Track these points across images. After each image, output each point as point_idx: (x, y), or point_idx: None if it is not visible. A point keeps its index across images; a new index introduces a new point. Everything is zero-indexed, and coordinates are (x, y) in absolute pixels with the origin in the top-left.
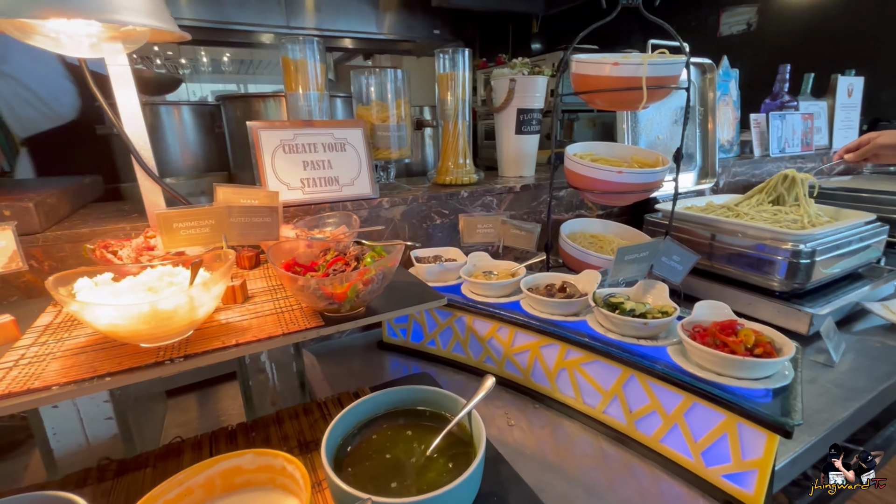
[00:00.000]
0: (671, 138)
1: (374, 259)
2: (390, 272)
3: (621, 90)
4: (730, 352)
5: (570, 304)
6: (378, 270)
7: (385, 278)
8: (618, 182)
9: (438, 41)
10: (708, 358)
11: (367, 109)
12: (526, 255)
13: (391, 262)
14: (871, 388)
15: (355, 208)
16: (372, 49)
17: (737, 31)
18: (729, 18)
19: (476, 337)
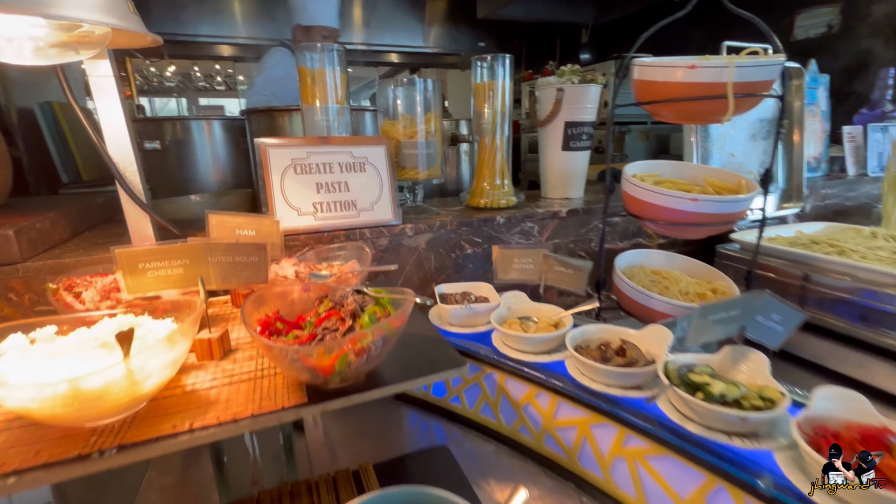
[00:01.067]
0: (747, 156)
1: (375, 318)
2: (394, 335)
3: (699, 99)
4: (886, 481)
5: (631, 376)
6: (377, 335)
7: (387, 343)
8: (691, 212)
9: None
10: (858, 496)
11: (394, 125)
12: (572, 297)
13: (395, 322)
14: None
15: (374, 236)
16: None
17: (815, 35)
18: (805, 21)
19: (509, 400)
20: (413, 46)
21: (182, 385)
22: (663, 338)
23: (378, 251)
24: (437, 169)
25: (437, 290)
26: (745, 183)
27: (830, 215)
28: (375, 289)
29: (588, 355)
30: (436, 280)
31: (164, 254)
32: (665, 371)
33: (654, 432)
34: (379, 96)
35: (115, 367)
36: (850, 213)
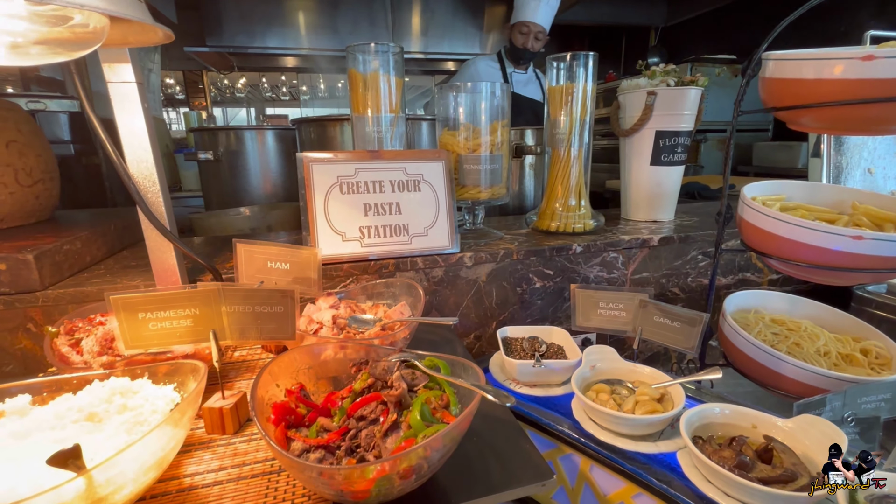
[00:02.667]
0: (888, 171)
1: (429, 411)
2: (455, 442)
3: (871, 102)
4: None
5: (787, 500)
6: (433, 449)
7: (447, 453)
8: (851, 253)
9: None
10: None
11: (454, 136)
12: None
13: (460, 427)
14: None
15: (428, 266)
16: None
17: None
18: None
19: (595, 494)
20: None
21: (180, 476)
22: (830, 439)
23: (432, 283)
24: (503, 187)
25: (499, 333)
26: None
27: None
28: (430, 358)
29: (715, 455)
30: (497, 319)
31: (168, 301)
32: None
33: None
34: (438, 103)
35: (67, 485)
36: None
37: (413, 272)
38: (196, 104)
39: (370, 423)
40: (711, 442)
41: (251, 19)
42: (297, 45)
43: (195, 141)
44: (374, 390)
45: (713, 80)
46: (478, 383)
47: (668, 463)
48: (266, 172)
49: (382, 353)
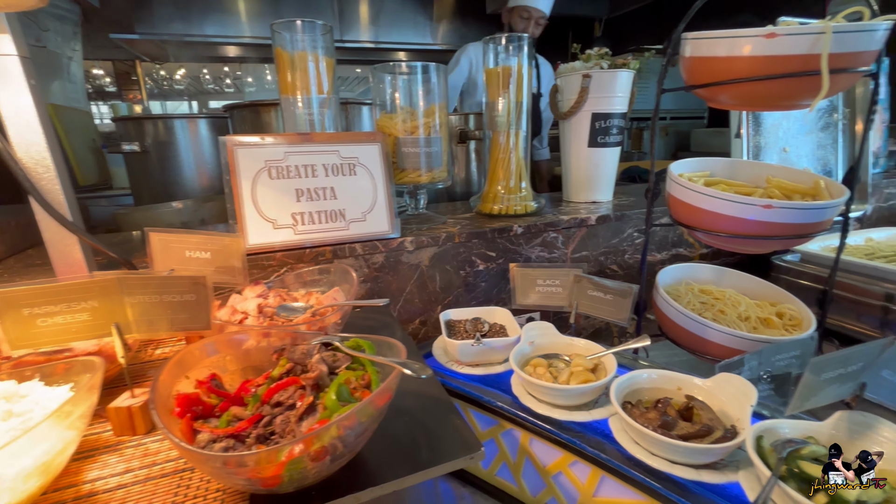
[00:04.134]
0: (800, 151)
1: (348, 391)
2: (375, 419)
3: (783, 77)
4: None
5: (707, 453)
6: (347, 427)
7: (366, 431)
8: (763, 221)
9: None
10: None
11: (391, 119)
12: (603, 327)
13: (376, 402)
14: None
15: (368, 252)
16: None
17: None
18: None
19: (535, 465)
20: (422, 43)
21: (78, 483)
22: (744, 393)
23: (373, 270)
24: (443, 171)
25: (442, 317)
26: (826, 184)
27: (895, 218)
28: (356, 339)
29: (642, 417)
30: (442, 303)
31: (58, 294)
32: (759, 450)
33: None
34: (374, 86)
35: None
36: None
37: (352, 259)
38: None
39: (287, 409)
40: (639, 406)
41: (186, 5)
42: (239, 33)
43: (119, 131)
44: (294, 375)
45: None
46: (397, 359)
47: (601, 430)
48: (200, 164)
49: (309, 339)
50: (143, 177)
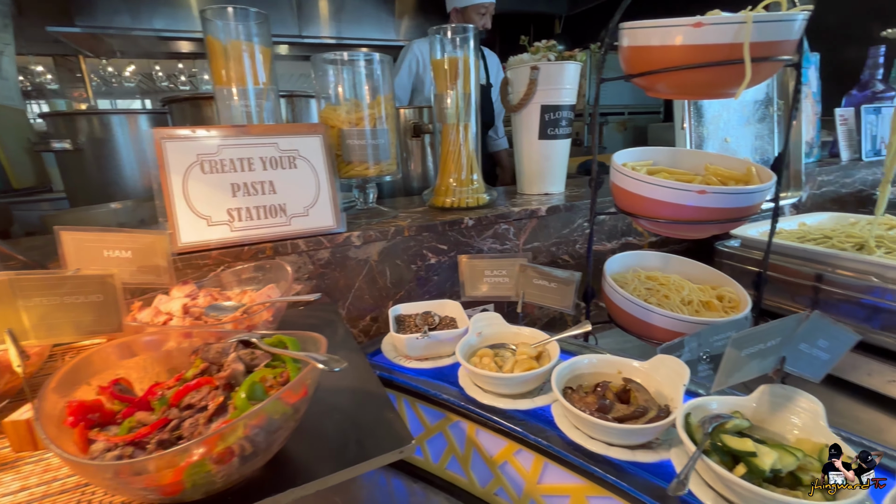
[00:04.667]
0: (741, 140)
1: (262, 389)
2: (290, 416)
3: (707, 66)
4: None
5: (639, 433)
6: (255, 426)
7: (281, 429)
8: (697, 206)
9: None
10: None
11: (335, 110)
12: (558, 316)
13: (289, 398)
14: None
15: (312, 248)
16: None
17: None
18: None
19: (482, 456)
20: (385, 40)
21: None
22: (676, 373)
23: (318, 266)
24: (392, 164)
25: (391, 312)
26: (757, 170)
27: (827, 204)
28: (278, 335)
29: (581, 402)
30: (393, 298)
31: None
32: (687, 427)
33: None
34: (316, 77)
35: None
36: (847, 202)
37: (295, 255)
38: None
39: (198, 412)
40: (579, 391)
41: None
42: (191, 27)
43: (49, 129)
44: (209, 375)
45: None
46: (313, 353)
47: (545, 416)
48: (142, 162)
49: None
50: (77, 177)
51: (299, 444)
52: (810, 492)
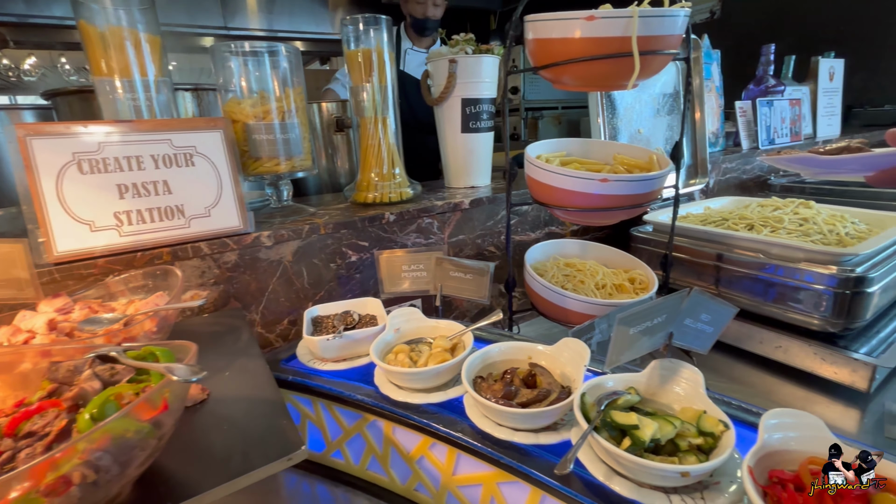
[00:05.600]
0: (654, 131)
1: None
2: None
3: (598, 59)
4: None
5: (539, 416)
6: (95, 450)
7: (133, 450)
8: (601, 195)
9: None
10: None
11: (239, 104)
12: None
13: (138, 414)
14: None
15: (217, 251)
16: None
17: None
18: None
19: (399, 453)
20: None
21: None
22: (579, 354)
23: (225, 270)
24: (306, 159)
25: (307, 313)
26: (658, 158)
27: (732, 189)
28: (148, 346)
29: (489, 390)
30: (313, 299)
31: None
32: (583, 407)
33: (573, 495)
34: (217, 68)
35: None
36: (749, 186)
37: (198, 259)
38: None
39: (40, 439)
40: (489, 379)
41: None
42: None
43: None
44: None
45: None
46: (174, 364)
47: (459, 407)
48: None
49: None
50: None
51: (179, 460)
52: (686, 456)
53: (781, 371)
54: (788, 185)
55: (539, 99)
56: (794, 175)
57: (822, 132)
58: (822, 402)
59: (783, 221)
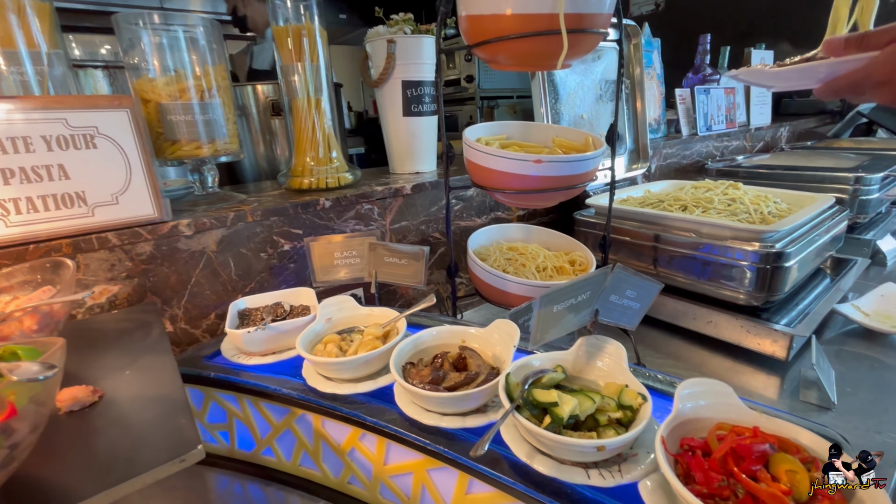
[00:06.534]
0: (596, 117)
1: None
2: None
3: (527, 36)
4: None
5: (464, 399)
6: None
7: None
8: (536, 176)
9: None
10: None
11: (151, 82)
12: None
13: None
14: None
15: (128, 241)
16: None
17: (645, 12)
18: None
19: (330, 446)
20: None
21: None
22: (508, 335)
23: (139, 263)
24: (231, 142)
25: (233, 306)
26: (592, 140)
27: (672, 174)
28: (8, 346)
29: (417, 376)
30: (242, 291)
31: None
32: (507, 386)
33: (496, 477)
34: (122, 41)
35: None
36: (688, 170)
37: (106, 251)
38: None
39: None
40: (419, 364)
41: None
42: None
43: None
44: None
45: None
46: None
47: (389, 396)
48: None
49: None
50: None
51: (55, 469)
52: (605, 430)
53: (713, 345)
54: (724, 169)
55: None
56: (728, 159)
57: (755, 120)
58: (748, 371)
59: (713, 202)
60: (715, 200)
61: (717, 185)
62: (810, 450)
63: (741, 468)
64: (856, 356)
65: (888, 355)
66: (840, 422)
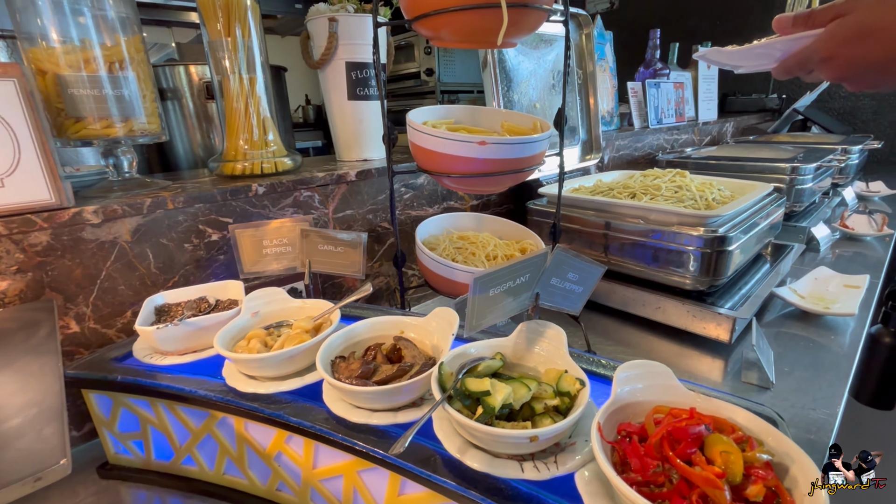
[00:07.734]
0: (549, 106)
1: None
2: None
3: (464, 10)
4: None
5: (393, 393)
6: None
7: None
8: (481, 159)
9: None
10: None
11: (49, 51)
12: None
13: None
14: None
15: (18, 230)
16: None
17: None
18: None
19: (255, 451)
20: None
21: None
22: (448, 322)
23: (33, 255)
24: (151, 122)
25: (149, 302)
26: (540, 124)
27: (624, 165)
28: None
29: (346, 371)
30: (164, 286)
31: None
32: (440, 377)
33: (425, 475)
34: (11, 7)
35: None
36: (639, 162)
37: None
38: None
39: None
40: (350, 358)
41: None
42: None
43: None
44: None
45: None
46: None
47: (317, 393)
48: None
49: None
50: None
51: None
52: (541, 419)
53: (662, 331)
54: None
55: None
56: (678, 151)
57: (703, 115)
58: (695, 355)
59: (661, 189)
60: (662, 188)
61: (665, 174)
62: (745, 429)
63: (676, 452)
64: (792, 337)
65: (822, 335)
66: (778, 400)
